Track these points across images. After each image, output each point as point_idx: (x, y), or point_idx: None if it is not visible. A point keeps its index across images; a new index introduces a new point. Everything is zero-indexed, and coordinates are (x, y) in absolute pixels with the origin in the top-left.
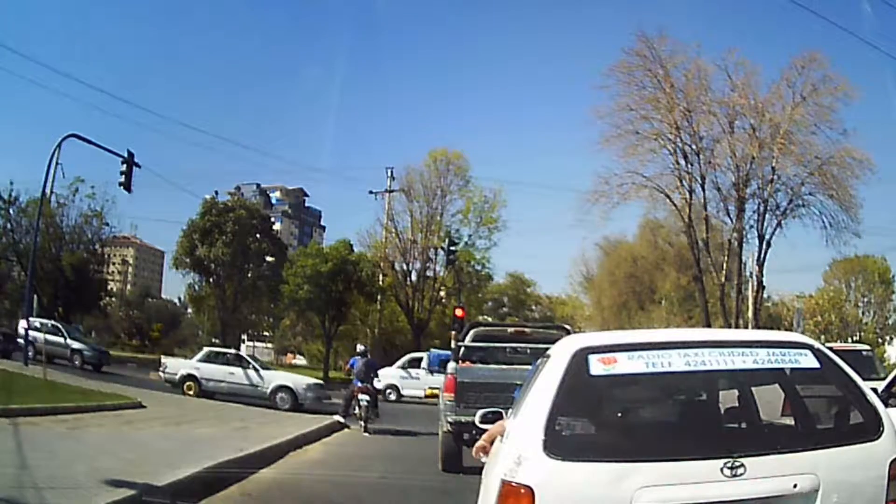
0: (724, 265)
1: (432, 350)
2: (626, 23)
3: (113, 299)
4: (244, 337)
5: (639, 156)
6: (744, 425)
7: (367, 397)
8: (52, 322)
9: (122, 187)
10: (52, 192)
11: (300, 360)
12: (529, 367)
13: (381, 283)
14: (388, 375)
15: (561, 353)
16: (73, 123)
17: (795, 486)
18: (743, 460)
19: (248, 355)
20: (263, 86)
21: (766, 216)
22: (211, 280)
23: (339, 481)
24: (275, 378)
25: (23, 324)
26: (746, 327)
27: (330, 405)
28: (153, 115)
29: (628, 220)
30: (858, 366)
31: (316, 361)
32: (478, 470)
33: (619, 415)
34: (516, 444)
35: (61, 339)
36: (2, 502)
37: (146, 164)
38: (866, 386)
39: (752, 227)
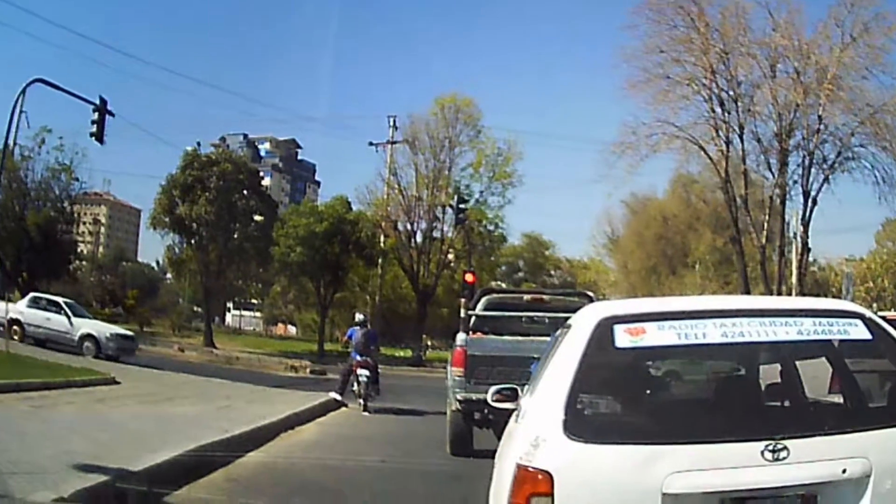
0: (765, 225)
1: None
2: None
3: (83, 263)
4: (230, 305)
5: (670, 103)
6: (787, 403)
7: (366, 372)
8: None
9: (93, 138)
10: (15, 143)
11: (292, 331)
12: (548, 338)
13: (382, 244)
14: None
15: (583, 323)
16: (40, 67)
17: (844, 471)
18: (786, 442)
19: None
20: (252, 27)
21: (812, 170)
22: (193, 241)
23: (336, 465)
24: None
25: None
26: (790, 294)
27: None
28: (129, 59)
29: (658, 174)
30: None
31: (310, 332)
32: (490, 453)
33: (648, 392)
34: (533, 425)
35: None
36: None
37: (121, 112)
38: None
39: (796, 182)
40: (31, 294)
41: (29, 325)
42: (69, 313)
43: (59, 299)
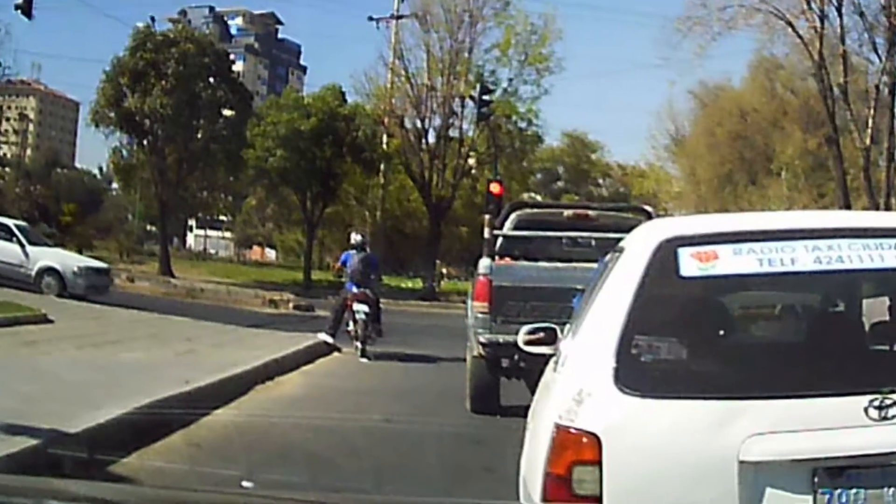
0: (870, 122)
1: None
2: None
3: (6, 170)
4: (192, 223)
5: None
6: None
7: (365, 308)
8: None
9: (18, 12)
10: None
11: (271, 255)
12: (594, 265)
13: (385, 146)
14: None
15: (639, 246)
16: None
17: None
18: None
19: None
20: None
21: None
22: (145, 142)
23: (326, 426)
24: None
25: None
26: None
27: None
28: None
29: (734, 58)
30: None
31: (293, 257)
32: (521, 410)
33: (721, 333)
34: (577, 375)
35: None
36: None
37: None
38: None
39: None
40: None
41: None
42: (23, 240)
43: (9, 221)
